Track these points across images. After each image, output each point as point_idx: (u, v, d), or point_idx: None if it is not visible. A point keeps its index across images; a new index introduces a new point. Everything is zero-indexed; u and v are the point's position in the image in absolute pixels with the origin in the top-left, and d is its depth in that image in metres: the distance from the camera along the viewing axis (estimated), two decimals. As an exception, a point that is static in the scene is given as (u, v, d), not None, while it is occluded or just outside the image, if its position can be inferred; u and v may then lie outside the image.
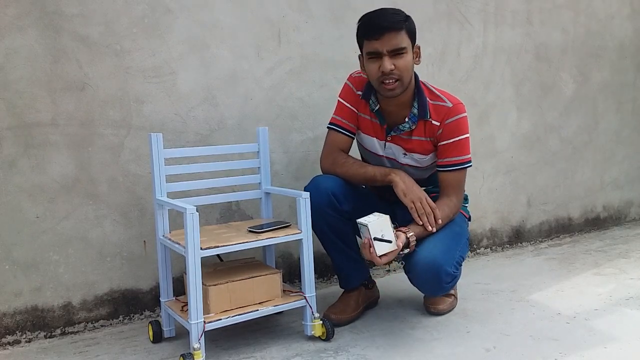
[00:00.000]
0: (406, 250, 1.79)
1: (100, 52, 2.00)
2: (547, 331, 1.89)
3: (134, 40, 2.05)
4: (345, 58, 2.42)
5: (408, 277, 1.89)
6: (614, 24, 3.24)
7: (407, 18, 1.84)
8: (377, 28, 1.79)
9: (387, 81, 1.81)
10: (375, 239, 1.69)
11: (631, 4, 3.30)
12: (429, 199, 1.86)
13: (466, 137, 1.91)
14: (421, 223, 1.83)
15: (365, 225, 1.69)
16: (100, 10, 1.99)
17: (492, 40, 2.83)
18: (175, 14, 2.11)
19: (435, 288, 1.86)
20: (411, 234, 1.79)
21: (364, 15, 1.85)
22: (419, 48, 1.89)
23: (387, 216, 1.73)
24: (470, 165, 1.94)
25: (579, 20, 3.11)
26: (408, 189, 1.86)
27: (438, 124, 1.89)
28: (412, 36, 1.84)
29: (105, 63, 2.01)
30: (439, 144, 1.92)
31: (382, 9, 1.85)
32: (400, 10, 1.85)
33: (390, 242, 1.71)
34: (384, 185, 1.92)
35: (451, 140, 1.90)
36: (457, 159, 1.91)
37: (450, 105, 1.89)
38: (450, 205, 1.91)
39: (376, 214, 1.73)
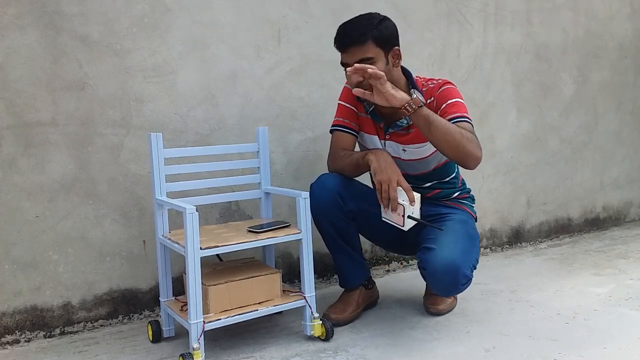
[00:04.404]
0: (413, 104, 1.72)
1: (100, 51, 2.00)
2: (547, 331, 1.89)
3: (133, 40, 2.05)
4: (345, 58, 2.42)
5: (422, 274, 1.86)
6: (614, 24, 3.25)
7: (377, 26, 1.81)
8: (341, 43, 1.82)
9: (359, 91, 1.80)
10: (409, 217, 1.75)
11: (631, 4, 3.30)
12: (402, 181, 1.75)
13: (459, 100, 1.86)
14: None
15: (401, 204, 1.75)
16: (100, 10, 1.99)
17: (492, 40, 2.83)
18: (175, 14, 2.11)
19: (450, 289, 1.84)
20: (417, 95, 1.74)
21: (339, 26, 1.85)
22: (398, 50, 1.86)
23: (419, 195, 1.78)
24: (471, 123, 1.84)
25: (579, 20, 3.11)
26: (380, 168, 1.77)
27: (432, 99, 1.90)
28: (384, 43, 1.82)
29: (105, 63, 2.01)
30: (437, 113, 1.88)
31: (351, 20, 1.85)
32: (372, 17, 1.83)
33: (419, 219, 1.76)
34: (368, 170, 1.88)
35: (445, 104, 1.85)
36: (456, 115, 1.83)
37: (439, 81, 1.92)
38: (465, 129, 1.79)
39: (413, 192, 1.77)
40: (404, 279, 2.51)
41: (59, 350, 1.89)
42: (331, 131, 2.05)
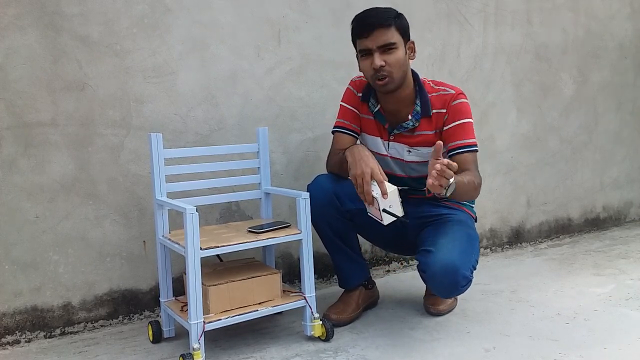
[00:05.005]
0: (449, 190, 1.67)
1: (100, 52, 2.00)
2: (547, 331, 1.89)
3: (133, 40, 2.05)
4: (345, 58, 2.42)
5: (422, 277, 1.86)
6: (614, 24, 3.24)
7: (398, 15, 1.85)
8: (366, 26, 1.81)
9: (380, 77, 1.82)
10: (384, 210, 1.71)
11: (631, 4, 3.30)
12: (375, 174, 1.72)
13: (470, 122, 1.90)
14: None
15: (375, 198, 1.70)
16: (100, 10, 1.99)
17: (492, 41, 2.83)
18: (175, 14, 2.11)
19: (450, 290, 1.84)
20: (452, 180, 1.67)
21: (355, 16, 1.87)
22: (413, 44, 1.89)
23: (395, 188, 1.73)
24: (477, 150, 1.90)
25: (579, 20, 3.11)
26: (354, 163, 1.75)
27: (444, 110, 1.89)
28: (404, 32, 1.85)
29: (105, 63, 2.01)
30: (445, 128, 1.90)
31: (372, 8, 1.87)
32: (391, 8, 1.86)
33: (397, 216, 1.72)
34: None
35: (456, 123, 1.88)
36: (463, 142, 1.87)
37: (453, 92, 1.91)
38: (471, 175, 1.83)
39: (387, 184, 1.73)
40: (404, 279, 2.51)
41: (59, 350, 1.89)
42: (333, 132, 2.05)
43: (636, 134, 3.42)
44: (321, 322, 1.86)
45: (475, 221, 2.11)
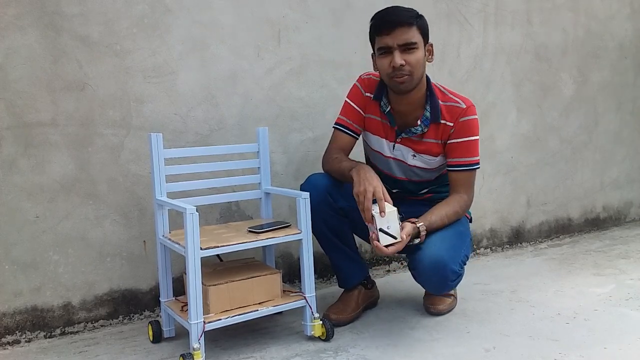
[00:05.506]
0: (416, 241, 1.79)
1: (100, 52, 2.00)
2: (547, 331, 1.89)
3: (133, 40, 2.05)
4: (345, 58, 2.43)
5: (412, 274, 1.89)
6: (614, 24, 3.24)
7: (419, 16, 1.85)
8: (388, 23, 1.81)
9: (398, 75, 1.81)
10: (381, 230, 1.70)
11: (631, 4, 3.30)
12: (376, 192, 1.71)
13: (476, 139, 1.92)
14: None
15: (373, 216, 1.70)
16: (100, 10, 1.99)
17: (492, 41, 2.83)
18: (175, 14, 2.11)
19: (440, 285, 1.86)
20: (421, 223, 1.80)
21: (376, 13, 1.86)
22: (431, 46, 1.89)
23: (395, 209, 1.73)
24: (479, 167, 1.94)
25: (579, 21, 3.11)
26: (358, 182, 1.74)
27: (452, 124, 1.90)
28: (424, 33, 1.85)
29: (105, 63, 2.01)
30: (449, 141, 1.92)
31: (394, 6, 1.87)
32: (413, 9, 1.86)
33: (394, 237, 1.72)
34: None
35: (462, 140, 1.90)
36: (465, 160, 1.91)
37: (464, 106, 1.91)
38: (460, 201, 1.92)
39: (387, 204, 1.73)
40: (404, 279, 2.50)
41: (60, 350, 1.89)
42: (333, 127, 2.05)
43: (636, 134, 3.42)
44: (321, 322, 1.86)
45: (470, 221, 2.11)
